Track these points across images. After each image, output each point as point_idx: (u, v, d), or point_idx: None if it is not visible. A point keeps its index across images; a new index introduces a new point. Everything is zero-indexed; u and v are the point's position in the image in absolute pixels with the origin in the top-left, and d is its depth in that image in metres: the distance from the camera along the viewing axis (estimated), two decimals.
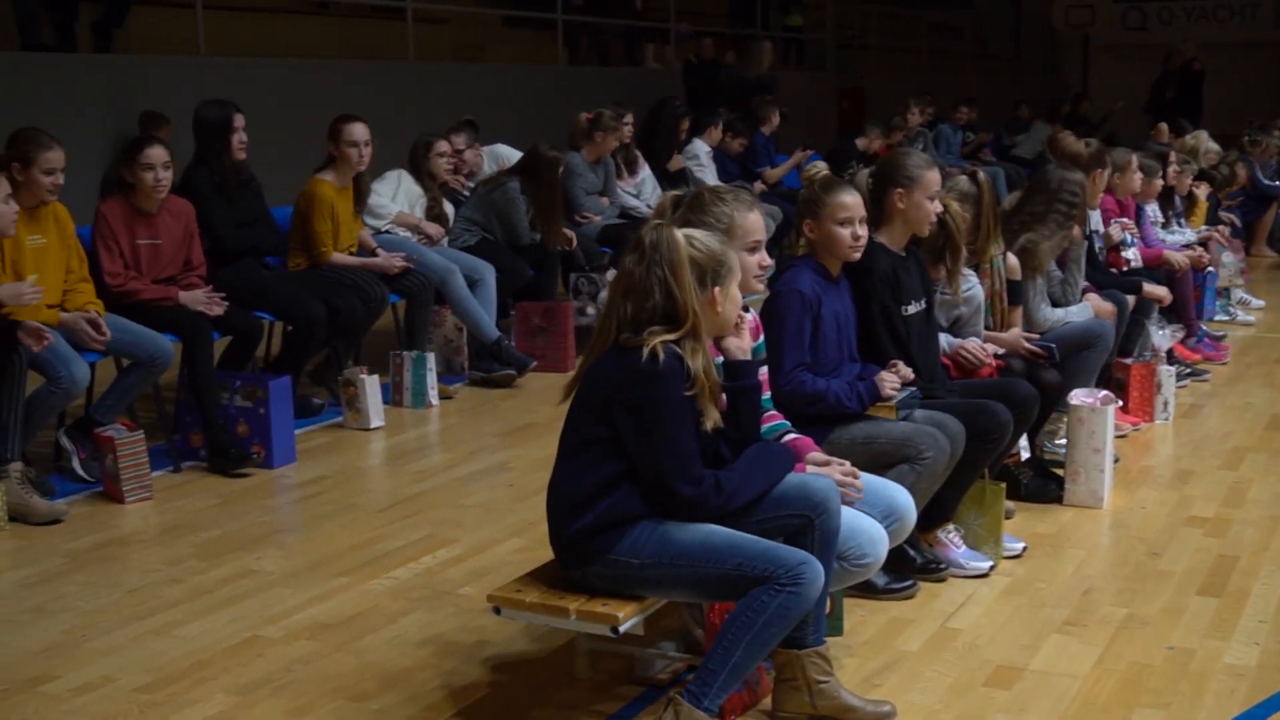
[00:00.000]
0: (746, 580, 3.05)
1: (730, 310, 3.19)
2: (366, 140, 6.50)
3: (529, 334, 7.40)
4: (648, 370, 3.02)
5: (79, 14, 10.16)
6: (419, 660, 3.72)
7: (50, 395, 5.06)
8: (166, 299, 5.57)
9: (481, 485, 5.40)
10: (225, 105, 6.17)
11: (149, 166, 5.49)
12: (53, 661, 3.73)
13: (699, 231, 3.21)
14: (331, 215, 6.47)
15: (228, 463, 5.47)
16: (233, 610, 4.09)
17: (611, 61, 15.57)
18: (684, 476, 3.07)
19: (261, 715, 3.41)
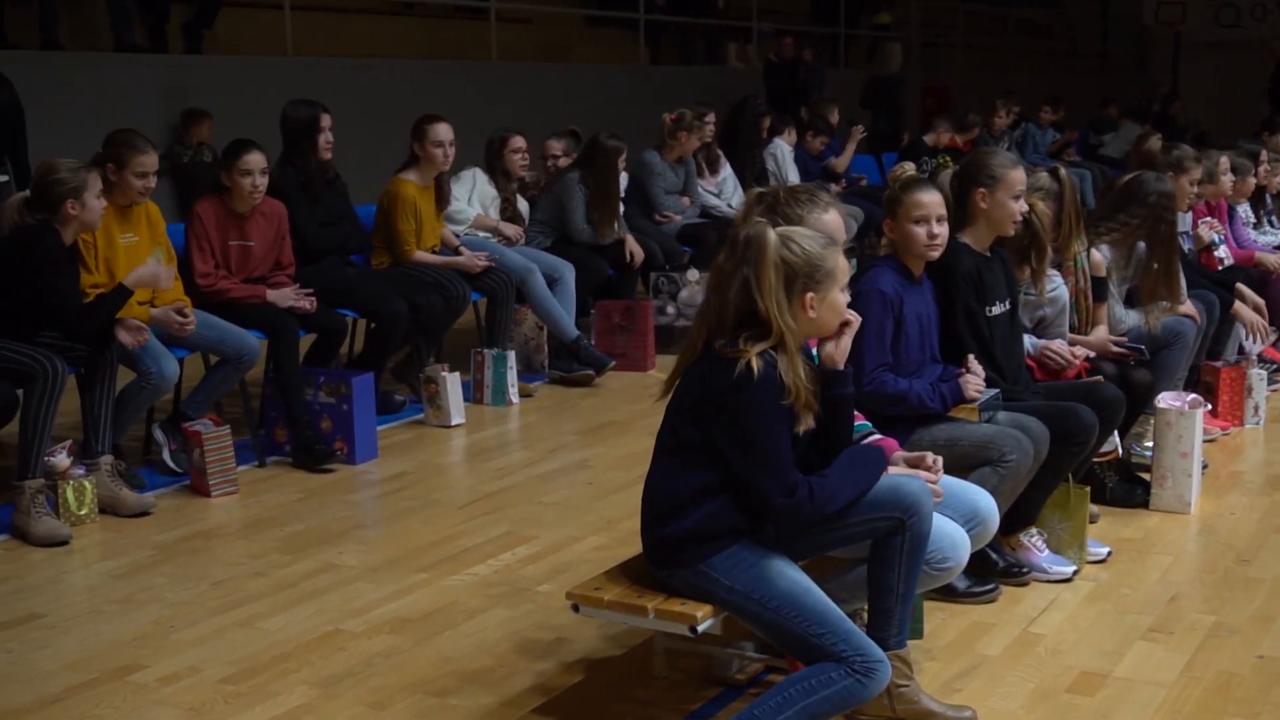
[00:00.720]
0: (823, 652, 3.03)
1: (828, 316, 3.12)
2: (451, 140, 6.55)
3: (609, 332, 7.41)
4: (742, 380, 2.98)
5: (170, 15, 10.34)
6: (498, 656, 3.74)
7: (140, 390, 5.16)
8: (254, 297, 5.65)
9: (561, 483, 5.42)
10: (313, 105, 6.25)
11: (247, 172, 5.58)
12: (141, 651, 3.79)
13: (801, 231, 3.13)
14: (415, 214, 6.53)
15: (312, 459, 5.54)
16: (315, 604, 4.14)
17: (693, 60, 15.56)
18: (779, 486, 3.03)
19: (342, 708, 3.44)
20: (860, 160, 11.58)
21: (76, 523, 4.82)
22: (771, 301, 3.02)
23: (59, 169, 4.86)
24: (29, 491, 4.72)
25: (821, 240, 3.13)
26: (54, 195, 4.83)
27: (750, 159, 9.66)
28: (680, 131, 8.41)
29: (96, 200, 4.92)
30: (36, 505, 4.71)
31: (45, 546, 4.65)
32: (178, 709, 3.43)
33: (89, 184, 4.88)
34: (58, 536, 4.68)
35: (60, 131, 8.40)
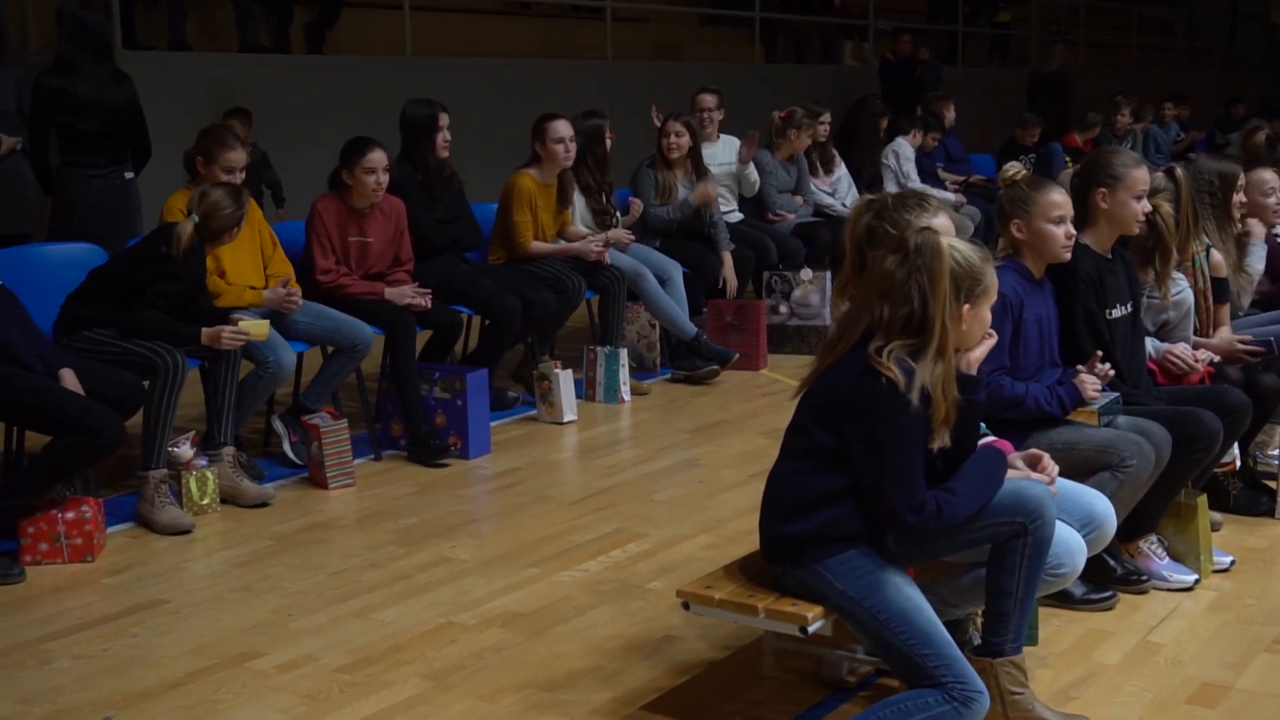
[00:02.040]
0: (923, 673, 2.99)
1: (975, 330, 3.09)
2: (571, 136, 6.59)
3: (721, 331, 7.41)
4: (887, 392, 2.95)
5: (293, 16, 10.55)
6: (608, 653, 3.76)
7: (259, 380, 5.28)
8: (373, 294, 5.74)
9: (671, 481, 5.43)
10: (432, 104, 6.33)
11: (371, 169, 5.67)
12: (259, 639, 3.87)
13: (962, 243, 3.10)
14: (531, 207, 6.58)
15: (428, 454, 5.61)
16: (429, 596, 4.19)
17: (808, 59, 15.48)
18: (908, 503, 2.99)
19: (454, 700, 3.48)
20: (978, 159, 11.44)
21: (199, 512, 4.94)
22: (944, 310, 2.99)
23: (223, 205, 5.02)
24: (153, 481, 4.84)
25: (982, 252, 3.10)
26: (220, 225, 5.03)
27: (868, 159, 9.59)
28: (790, 130, 8.37)
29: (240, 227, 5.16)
30: (160, 495, 4.84)
31: (169, 535, 4.77)
32: (294, 696, 3.50)
33: (247, 216, 5.18)
34: (181, 525, 4.80)
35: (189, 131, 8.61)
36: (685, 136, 7.41)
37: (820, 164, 8.89)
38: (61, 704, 3.46)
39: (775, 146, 8.45)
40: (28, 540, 4.46)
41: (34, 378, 4.45)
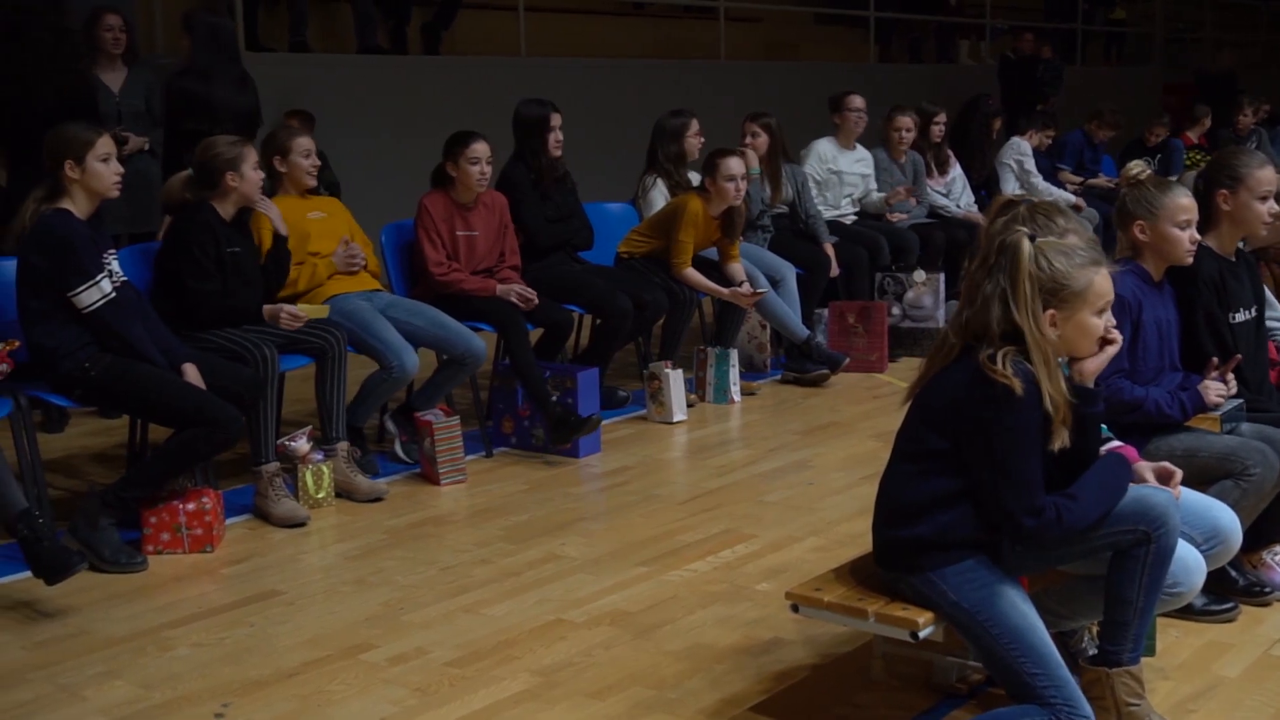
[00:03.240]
0: (1033, 693, 2.94)
1: (1073, 337, 3.01)
2: (743, 175, 6.56)
3: (843, 333, 7.35)
4: (1002, 397, 2.91)
5: (411, 18, 10.69)
6: (715, 653, 3.76)
7: (382, 382, 5.37)
8: (485, 291, 5.79)
9: (781, 482, 5.41)
10: (544, 104, 6.37)
11: (475, 160, 5.73)
12: (372, 631, 3.93)
13: (1061, 245, 3.03)
14: (694, 230, 6.58)
15: (569, 430, 5.63)
16: (538, 593, 4.22)
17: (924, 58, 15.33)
18: (1026, 507, 2.94)
19: (562, 696, 3.50)
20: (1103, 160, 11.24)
21: (314, 506, 5.03)
22: (1027, 314, 2.94)
23: (217, 144, 5.10)
24: (267, 475, 4.94)
25: (1080, 259, 3.01)
26: (214, 168, 5.06)
27: (980, 159, 9.45)
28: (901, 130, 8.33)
29: (254, 172, 5.12)
30: (275, 488, 4.93)
31: (284, 527, 4.86)
32: (405, 689, 3.54)
33: (245, 156, 5.09)
34: (296, 518, 4.89)
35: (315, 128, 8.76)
36: (762, 137, 7.37)
37: (935, 164, 8.79)
38: (181, 690, 3.54)
39: (889, 147, 8.38)
40: (150, 530, 4.57)
41: (157, 372, 4.56)
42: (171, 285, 5.04)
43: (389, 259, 5.93)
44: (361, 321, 5.36)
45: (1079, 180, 10.45)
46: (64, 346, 4.50)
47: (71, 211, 4.53)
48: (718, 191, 6.53)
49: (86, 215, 4.59)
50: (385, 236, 5.99)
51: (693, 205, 6.56)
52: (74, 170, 4.53)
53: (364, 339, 5.34)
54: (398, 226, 6.06)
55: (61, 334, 4.51)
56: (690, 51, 12.71)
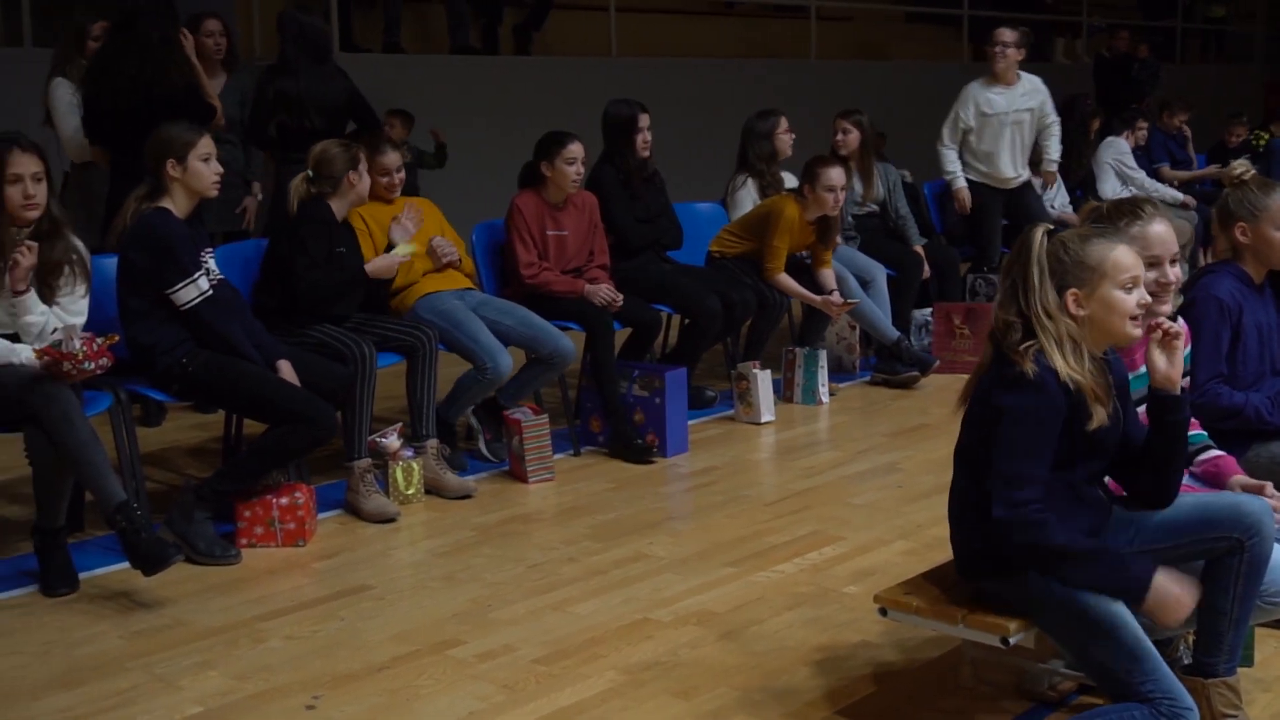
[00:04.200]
0: (1130, 689, 2.89)
1: (1101, 313, 2.95)
2: (842, 185, 6.55)
3: (948, 335, 7.28)
4: (1012, 381, 2.90)
5: (503, 18, 10.76)
6: (802, 655, 3.74)
7: (476, 382, 5.41)
8: (573, 291, 5.81)
9: (870, 485, 5.37)
10: (632, 104, 6.38)
11: (572, 160, 5.76)
12: (460, 627, 3.96)
13: (1079, 232, 3.02)
14: (790, 235, 6.57)
15: (628, 454, 5.66)
16: (624, 592, 4.23)
17: None
18: (1003, 494, 2.89)
19: (648, 695, 3.51)
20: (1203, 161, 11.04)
21: (404, 502, 5.08)
22: (1035, 299, 2.93)
23: (336, 145, 5.27)
24: (358, 471, 5.00)
25: (1099, 237, 2.99)
26: (336, 168, 5.19)
27: (1076, 159, 9.32)
28: None
29: (366, 175, 5.29)
30: (365, 484, 4.99)
31: (374, 523, 4.91)
32: (493, 685, 3.57)
33: (362, 158, 5.26)
34: (386, 514, 4.94)
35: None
36: (854, 134, 7.31)
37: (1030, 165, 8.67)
38: (273, 682, 3.60)
39: None
40: (244, 524, 4.65)
41: (253, 369, 4.63)
42: (276, 278, 5.11)
43: (480, 258, 5.98)
44: (455, 321, 5.40)
45: (1183, 176, 10.27)
46: (162, 343, 4.59)
47: (171, 210, 4.62)
48: (816, 200, 6.51)
49: (186, 214, 4.68)
50: (476, 236, 6.04)
51: (789, 210, 6.54)
52: (175, 169, 4.62)
53: (457, 338, 5.38)
54: (488, 226, 6.11)
55: (160, 330, 4.59)
56: (780, 51, 12.67)
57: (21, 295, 4.24)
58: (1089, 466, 3.04)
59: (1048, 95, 8.06)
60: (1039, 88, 8.01)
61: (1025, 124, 7.95)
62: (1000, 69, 7.85)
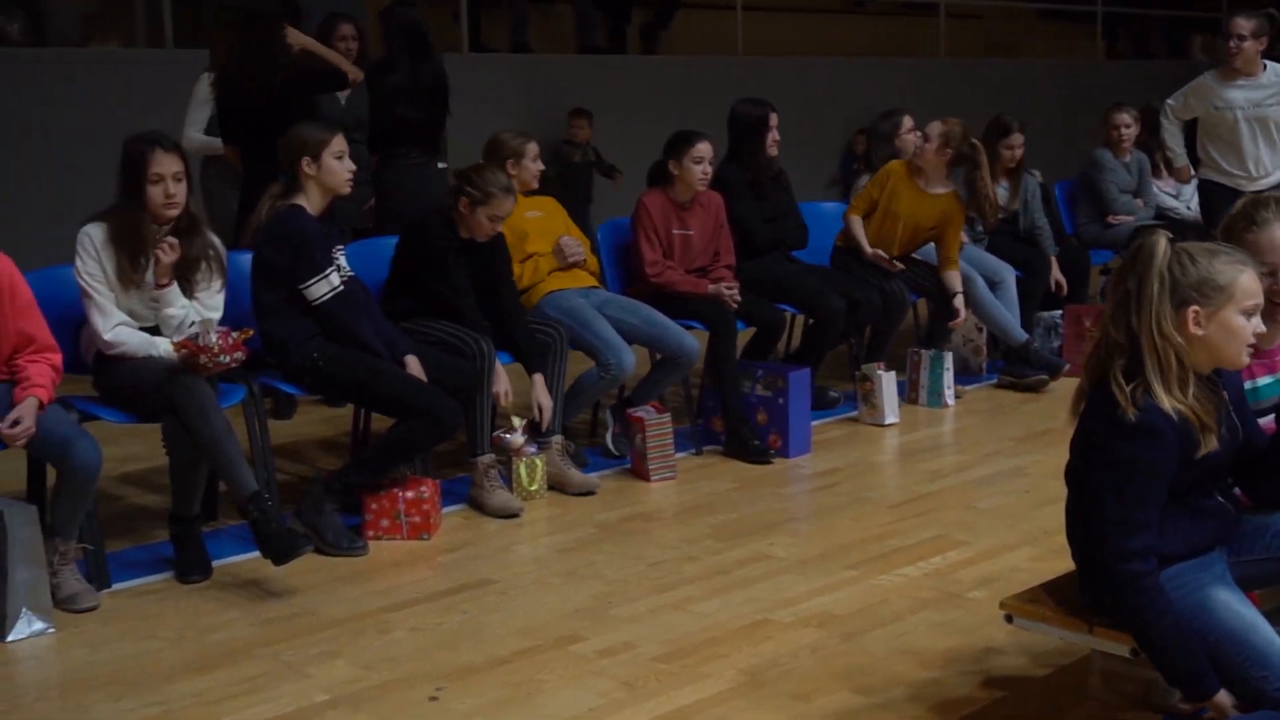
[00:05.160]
0: (1262, 695, 2.81)
1: (1218, 338, 2.85)
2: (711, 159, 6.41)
3: (1079, 338, 7.14)
4: (1118, 425, 2.81)
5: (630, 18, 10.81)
6: (924, 660, 3.70)
7: (599, 380, 5.45)
8: (696, 291, 5.81)
9: (996, 489, 5.29)
10: (762, 104, 6.35)
11: (699, 159, 5.76)
12: (581, 623, 3.99)
13: (1206, 247, 2.90)
14: (883, 190, 6.55)
15: (746, 455, 5.65)
16: (745, 592, 4.22)
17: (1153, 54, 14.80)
18: (1116, 542, 2.82)
19: (768, 697, 3.49)
20: None
21: (527, 497, 5.13)
22: (1150, 313, 2.83)
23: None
24: (482, 467, 5.05)
25: (1226, 256, 2.88)
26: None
27: None
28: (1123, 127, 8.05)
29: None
30: (489, 479, 5.04)
31: (498, 518, 4.97)
32: (613, 682, 3.58)
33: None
34: (510, 509, 4.99)
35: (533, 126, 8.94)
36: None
37: (1165, 164, 8.47)
38: (398, 672, 3.66)
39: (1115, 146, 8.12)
40: (371, 516, 4.73)
41: (381, 364, 4.71)
42: (411, 274, 5.18)
43: (604, 257, 6.01)
44: (581, 319, 5.44)
45: None
46: (294, 337, 4.69)
47: (305, 207, 4.72)
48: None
49: (319, 211, 4.77)
50: (601, 234, 6.08)
51: (893, 166, 6.54)
52: (310, 167, 4.71)
53: (582, 335, 5.42)
54: (613, 225, 6.14)
55: (292, 325, 4.69)
56: (909, 49, 12.54)
57: (164, 289, 4.37)
58: (1204, 488, 2.96)
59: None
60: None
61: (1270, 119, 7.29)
62: (1239, 63, 7.17)
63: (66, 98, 7.96)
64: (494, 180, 5.10)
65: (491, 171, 5.15)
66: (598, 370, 5.45)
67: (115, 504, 5.15)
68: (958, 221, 6.58)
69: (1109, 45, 14.18)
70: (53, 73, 8.09)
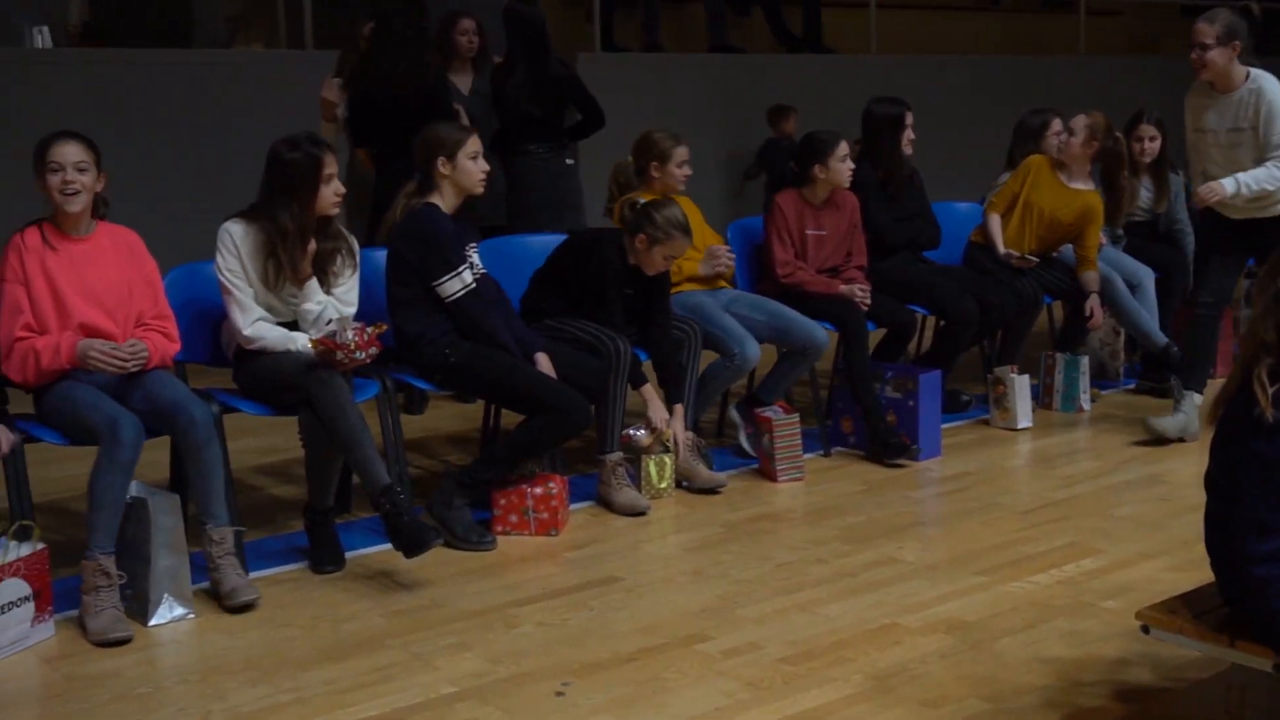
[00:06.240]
0: None
1: None
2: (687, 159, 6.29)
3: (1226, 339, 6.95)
4: (1258, 425, 2.74)
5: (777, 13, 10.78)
6: (1056, 670, 3.63)
7: (724, 370, 5.45)
8: (828, 291, 5.77)
9: (1132, 496, 5.17)
10: (897, 103, 6.29)
11: (844, 158, 5.74)
12: (707, 622, 3.98)
13: None
14: (1024, 183, 6.47)
15: (885, 452, 5.60)
16: (873, 595, 4.18)
17: None
18: (1255, 547, 2.76)
19: (894, 702, 3.45)
20: None
21: (655, 496, 5.14)
22: None
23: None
24: (610, 464, 5.07)
25: None
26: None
27: None
28: None
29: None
30: (617, 477, 5.06)
31: (625, 515, 4.99)
32: (738, 682, 3.57)
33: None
34: (637, 507, 5.01)
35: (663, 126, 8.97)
36: (1158, 140, 7.00)
37: None
38: (525, 666, 3.69)
39: None
40: (499, 511, 4.78)
41: (512, 361, 4.76)
42: (567, 283, 5.23)
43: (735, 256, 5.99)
44: (705, 315, 5.45)
45: None
46: (427, 333, 4.76)
47: (439, 206, 4.79)
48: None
49: (453, 210, 4.84)
50: (731, 234, 6.07)
51: (1034, 160, 6.43)
52: (445, 167, 4.78)
53: (706, 329, 5.42)
54: (742, 225, 6.12)
55: (425, 322, 4.76)
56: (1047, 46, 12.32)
57: (305, 281, 4.47)
58: None
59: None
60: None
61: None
62: (1208, 77, 5.60)
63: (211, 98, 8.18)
64: (675, 220, 5.13)
65: (673, 210, 5.17)
66: (722, 360, 5.44)
67: (253, 494, 5.28)
68: (1098, 220, 6.43)
69: (1256, 42, 13.77)
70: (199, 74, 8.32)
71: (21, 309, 4.13)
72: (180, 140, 8.05)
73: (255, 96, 8.18)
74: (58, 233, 4.21)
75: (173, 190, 7.83)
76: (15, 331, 4.13)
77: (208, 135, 8.06)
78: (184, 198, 7.75)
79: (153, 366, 4.24)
